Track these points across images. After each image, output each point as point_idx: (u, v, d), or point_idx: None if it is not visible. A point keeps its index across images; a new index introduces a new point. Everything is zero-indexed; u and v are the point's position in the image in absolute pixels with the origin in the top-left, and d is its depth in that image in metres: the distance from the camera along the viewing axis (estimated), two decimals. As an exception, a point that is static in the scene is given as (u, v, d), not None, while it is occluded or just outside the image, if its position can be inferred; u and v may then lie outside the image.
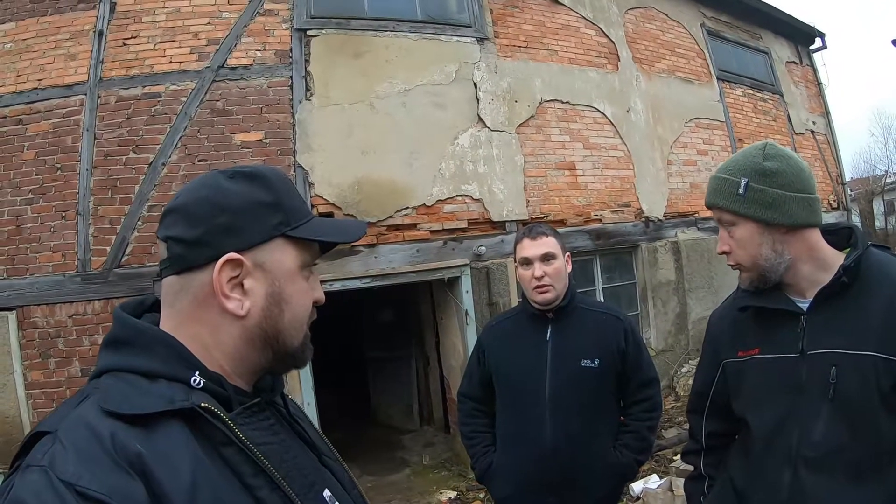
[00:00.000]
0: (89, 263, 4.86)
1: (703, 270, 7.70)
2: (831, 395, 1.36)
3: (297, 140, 5.32)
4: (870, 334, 1.35)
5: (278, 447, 0.86)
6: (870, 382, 1.32)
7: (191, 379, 0.81)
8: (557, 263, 2.27)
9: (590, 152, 6.85)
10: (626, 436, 2.32)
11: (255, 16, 5.45)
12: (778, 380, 1.47)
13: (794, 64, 10.53)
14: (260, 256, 0.87)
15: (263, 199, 0.89)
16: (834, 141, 10.87)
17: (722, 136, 8.42)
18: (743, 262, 1.48)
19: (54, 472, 0.66)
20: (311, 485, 0.88)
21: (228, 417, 0.80)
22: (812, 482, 1.38)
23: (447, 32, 6.19)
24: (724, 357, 1.64)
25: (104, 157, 4.96)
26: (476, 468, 2.45)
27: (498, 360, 2.40)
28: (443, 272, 5.72)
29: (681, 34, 8.41)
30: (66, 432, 0.71)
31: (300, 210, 0.93)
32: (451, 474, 5.68)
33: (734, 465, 1.63)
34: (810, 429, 1.39)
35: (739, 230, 1.46)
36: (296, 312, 0.91)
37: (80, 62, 5.08)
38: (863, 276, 1.40)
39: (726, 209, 1.46)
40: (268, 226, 0.88)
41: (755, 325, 1.55)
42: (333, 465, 1.01)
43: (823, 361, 1.38)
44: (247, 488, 0.79)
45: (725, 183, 1.47)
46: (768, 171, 1.43)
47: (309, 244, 0.94)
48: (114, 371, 0.81)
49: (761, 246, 1.44)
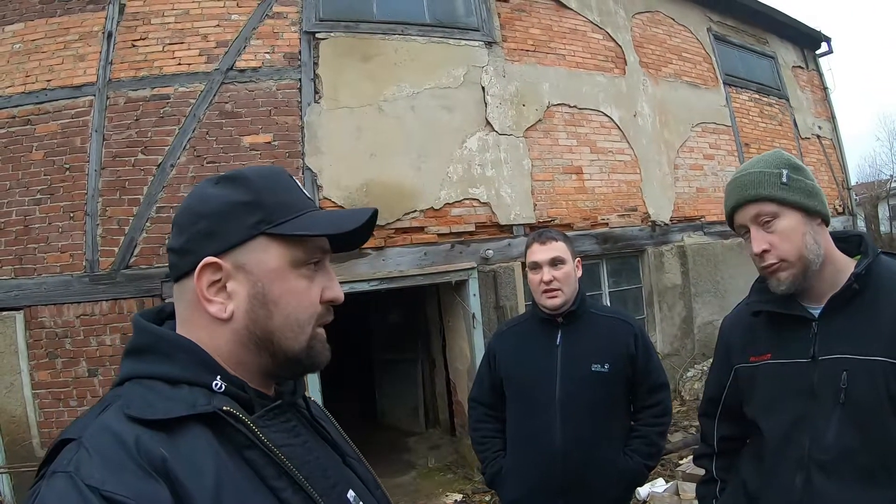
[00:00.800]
0: (97, 264, 4.86)
1: (709, 275, 7.70)
2: (842, 400, 1.37)
3: (306, 142, 5.34)
4: (880, 340, 1.36)
5: (300, 449, 0.86)
6: (880, 387, 1.34)
7: (212, 383, 0.81)
8: (567, 268, 2.28)
9: (597, 156, 6.86)
10: (636, 441, 2.32)
11: (264, 18, 5.47)
12: (789, 385, 1.48)
13: (801, 69, 10.54)
14: (240, 258, 0.86)
15: (240, 199, 0.87)
16: (840, 145, 10.89)
17: (728, 140, 8.43)
18: (789, 255, 1.43)
19: (80, 478, 0.66)
20: (334, 485, 0.88)
21: (250, 420, 0.80)
22: (824, 485, 1.38)
23: (455, 36, 6.20)
24: (736, 362, 1.64)
25: (113, 158, 4.96)
26: (486, 472, 2.46)
27: (508, 366, 2.41)
28: (450, 275, 5.73)
29: (687, 38, 8.42)
30: (91, 439, 0.71)
31: (288, 205, 0.89)
32: (457, 477, 5.68)
33: (746, 469, 1.63)
34: (822, 433, 1.40)
35: (783, 221, 1.43)
36: (289, 313, 0.88)
37: (88, 63, 5.10)
38: (873, 284, 1.41)
39: (771, 198, 1.43)
40: (245, 225, 0.86)
41: (767, 331, 1.55)
42: (357, 465, 1.01)
43: (834, 367, 1.39)
44: (271, 490, 0.79)
45: (765, 175, 1.45)
46: (798, 165, 1.48)
47: (305, 240, 0.89)
48: (136, 378, 0.81)
49: (805, 235, 1.42)
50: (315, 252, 0.91)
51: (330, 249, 0.95)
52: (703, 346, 7.53)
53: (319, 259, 0.92)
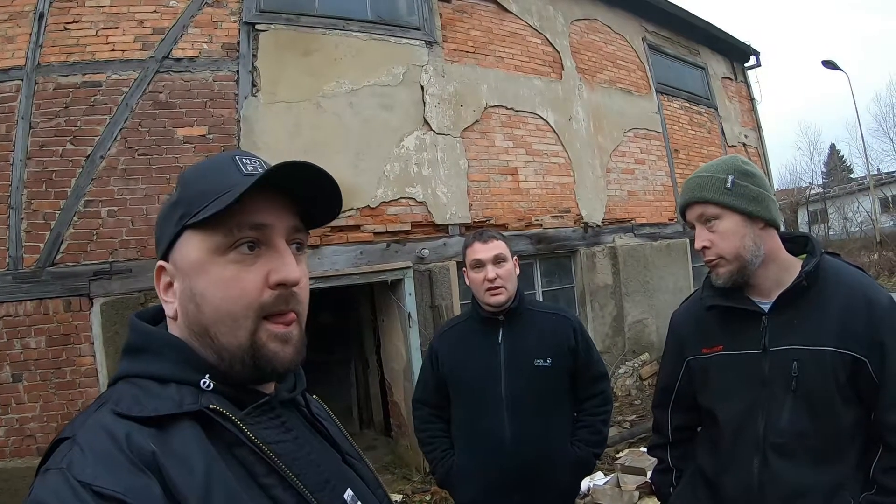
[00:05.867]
0: (21, 261, 4.60)
1: (638, 275, 8.05)
2: (794, 387, 1.53)
3: (242, 137, 5.26)
4: (828, 332, 1.52)
5: (291, 445, 0.86)
6: (828, 375, 1.50)
7: (200, 381, 0.82)
8: (508, 265, 2.35)
9: (532, 158, 7.06)
10: (582, 430, 2.41)
11: (203, 6, 5.34)
12: (743, 374, 1.62)
13: (730, 80, 11.08)
14: (174, 256, 0.88)
15: (172, 199, 0.90)
16: (764, 154, 11.49)
17: (659, 146, 8.82)
18: (726, 253, 1.58)
19: (72, 474, 0.67)
20: (326, 482, 0.88)
21: (237, 418, 0.81)
22: (780, 466, 1.54)
23: (396, 34, 6.25)
24: (688, 354, 1.78)
25: (39, 148, 4.73)
26: (437, 473, 2.49)
27: (453, 365, 2.45)
28: (386, 274, 5.74)
29: (623, 47, 8.74)
30: (84, 436, 0.73)
31: (207, 192, 0.84)
32: (395, 477, 5.67)
33: (702, 456, 1.77)
34: (776, 417, 1.55)
35: (724, 223, 1.59)
36: (218, 305, 0.83)
37: (17, 45, 4.83)
38: (820, 280, 1.57)
39: (713, 202, 1.59)
40: (171, 224, 0.88)
41: (719, 324, 1.70)
42: (357, 464, 1.02)
43: (785, 357, 1.55)
44: (261, 487, 0.80)
45: (711, 180, 1.60)
46: (749, 172, 1.62)
47: (224, 222, 0.83)
48: (128, 377, 0.83)
49: (744, 237, 1.57)
50: (243, 231, 0.84)
51: (273, 224, 0.86)
52: (633, 343, 7.89)
53: (254, 239, 0.85)
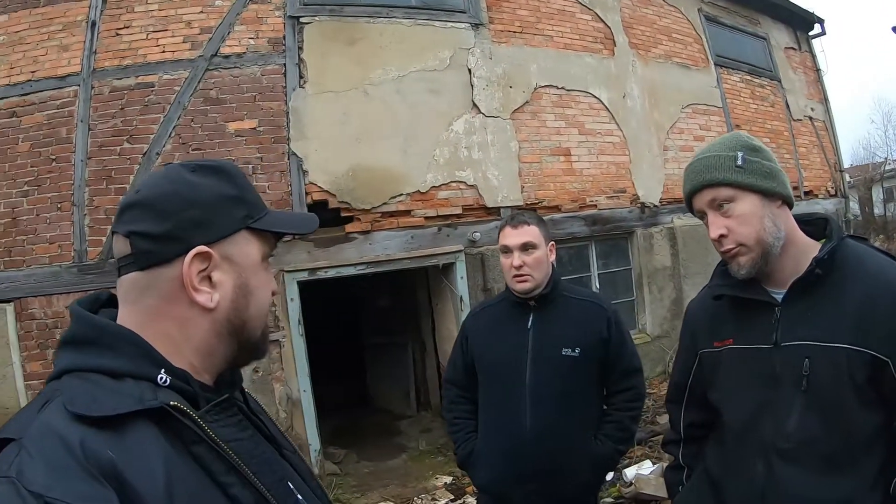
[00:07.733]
0: (85, 254, 4.87)
1: (699, 256, 7.67)
2: (804, 387, 1.35)
3: (291, 128, 5.32)
4: (844, 327, 1.33)
5: (248, 443, 0.85)
6: (843, 375, 1.31)
7: (157, 377, 0.79)
8: (538, 253, 2.25)
9: (585, 138, 6.85)
10: (608, 425, 2.31)
11: (248, 3, 5.43)
12: (752, 371, 1.46)
13: (793, 50, 10.47)
14: (227, 249, 0.88)
15: (229, 192, 0.90)
16: (832, 128, 10.84)
17: (719, 121, 8.39)
18: (747, 240, 1.39)
19: (23, 484, 0.63)
20: (280, 479, 0.89)
21: (198, 415, 0.79)
22: (785, 473, 1.38)
23: (441, 18, 6.16)
24: (700, 347, 1.63)
25: (98, 148, 4.95)
26: (458, 454, 2.45)
27: (480, 348, 2.40)
28: (437, 258, 5.74)
29: (678, 19, 8.36)
30: (33, 441, 0.68)
31: (260, 203, 0.95)
32: (447, 459, 5.63)
33: (710, 456, 1.63)
34: (784, 420, 1.39)
35: (740, 205, 1.39)
36: (260, 303, 0.93)
37: (73, 53, 5.06)
38: (838, 268, 1.37)
39: (726, 183, 1.40)
40: (235, 219, 0.89)
41: (731, 315, 1.53)
42: (292, 457, 1.01)
43: (797, 353, 1.37)
44: (219, 486, 0.78)
45: (720, 159, 1.41)
46: (756, 147, 1.43)
47: (267, 236, 0.95)
48: (76, 371, 0.78)
49: (763, 219, 1.38)
50: (273, 247, 0.98)
51: None
52: (694, 327, 7.54)
53: None
